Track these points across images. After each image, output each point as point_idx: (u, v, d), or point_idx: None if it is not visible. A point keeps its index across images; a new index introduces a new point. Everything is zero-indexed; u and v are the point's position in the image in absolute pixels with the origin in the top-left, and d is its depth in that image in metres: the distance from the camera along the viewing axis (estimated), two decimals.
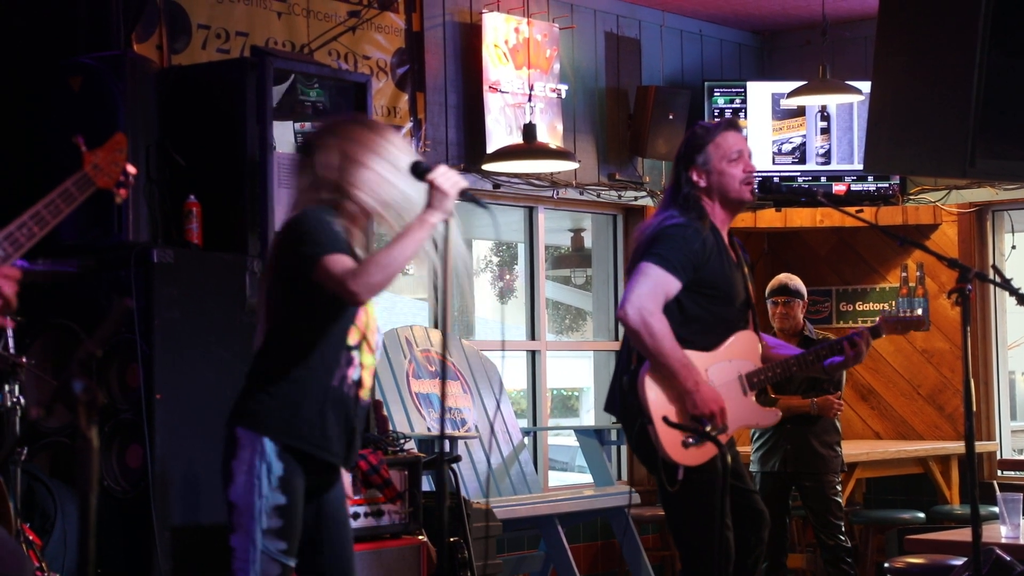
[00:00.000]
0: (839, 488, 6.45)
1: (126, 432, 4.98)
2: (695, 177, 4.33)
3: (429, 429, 6.40)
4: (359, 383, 3.43)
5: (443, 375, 3.43)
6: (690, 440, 4.15)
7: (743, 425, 4.44)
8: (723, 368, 4.30)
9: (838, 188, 8.07)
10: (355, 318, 3.40)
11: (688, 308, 4.25)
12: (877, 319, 4.64)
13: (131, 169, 3.26)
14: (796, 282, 6.52)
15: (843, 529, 6.40)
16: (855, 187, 8.09)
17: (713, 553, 4.11)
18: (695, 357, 4.22)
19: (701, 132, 4.38)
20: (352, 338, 3.39)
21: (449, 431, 6.48)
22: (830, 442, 6.40)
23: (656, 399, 4.18)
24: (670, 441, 4.17)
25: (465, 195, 3.40)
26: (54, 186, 5.37)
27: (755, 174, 4.37)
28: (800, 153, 8.10)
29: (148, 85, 5.22)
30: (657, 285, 4.19)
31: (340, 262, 3.28)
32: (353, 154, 3.39)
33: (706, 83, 8.05)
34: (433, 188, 3.34)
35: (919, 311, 4.21)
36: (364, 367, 3.43)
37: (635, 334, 4.19)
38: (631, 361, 4.28)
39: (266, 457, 3.33)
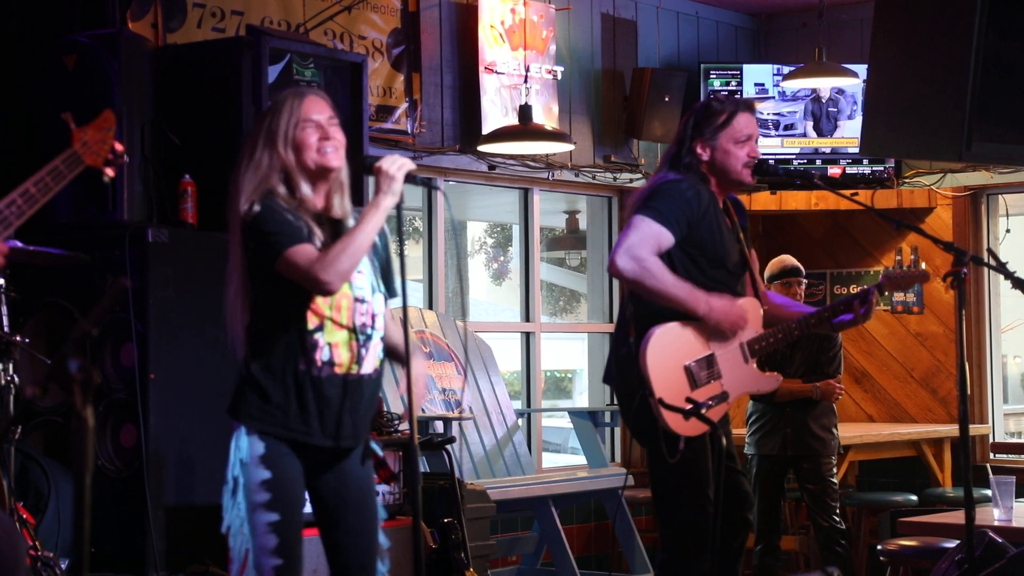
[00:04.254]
0: (835, 470, 6.46)
1: (120, 411, 4.98)
2: (699, 149, 4.32)
3: (424, 410, 6.40)
4: (331, 363, 3.46)
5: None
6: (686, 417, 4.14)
7: (744, 392, 4.44)
8: (724, 335, 4.29)
9: (833, 171, 8.07)
10: (310, 304, 3.46)
11: (681, 269, 4.23)
12: (880, 277, 4.62)
13: (119, 147, 3.27)
14: (796, 261, 6.55)
15: (838, 511, 6.41)
16: (850, 170, 8.09)
17: (696, 529, 4.12)
18: (696, 326, 4.22)
19: (717, 106, 4.34)
20: (311, 323, 3.45)
21: (443, 412, 6.48)
22: (828, 424, 6.41)
23: (657, 371, 4.17)
24: (671, 411, 4.15)
25: (413, 178, 3.51)
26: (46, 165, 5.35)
27: (757, 158, 4.35)
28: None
29: (143, 64, 5.20)
30: (648, 235, 4.17)
31: (304, 252, 3.38)
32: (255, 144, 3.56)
33: (702, 65, 8.04)
34: (381, 174, 3.46)
35: (922, 265, 4.24)
36: (333, 345, 3.46)
37: (633, 281, 4.16)
38: (630, 333, 4.27)
39: (248, 440, 3.46)
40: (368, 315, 3.53)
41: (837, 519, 6.38)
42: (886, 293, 4.58)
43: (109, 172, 3.27)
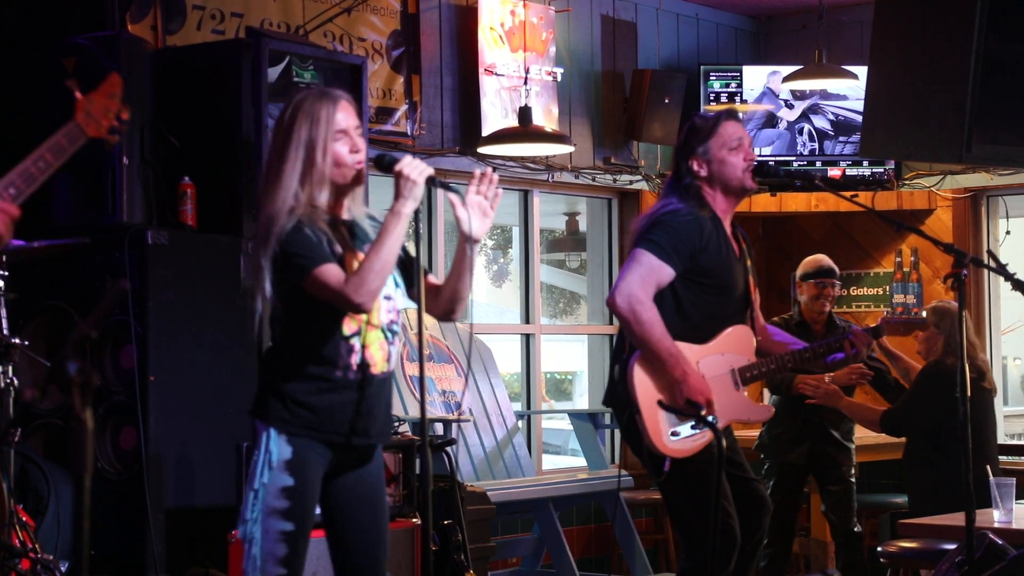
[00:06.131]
0: (854, 471, 6.46)
1: (120, 414, 4.98)
2: (695, 167, 4.31)
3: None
4: (366, 364, 3.45)
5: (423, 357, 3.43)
6: (677, 432, 4.15)
7: (734, 420, 4.41)
8: (715, 361, 4.28)
9: (833, 173, 8.06)
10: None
11: (683, 298, 4.24)
12: (879, 319, 4.64)
13: (125, 115, 3.17)
14: (831, 262, 6.47)
15: (855, 513, 6.42)
16: (850, 172, 8.08)
17: (714, 540, 4.12)
18: (687, 349, 4.21)
19: (700, 122, 4.37)
20: (348, 328, 3.43)
21: (443, 414, 6.48)
22: (848, 431, 6.39)
23: (644, 389, 4.18)
24: (656, 432, 4.16)
25: (434, 182, 3.45)
26: None
27: (755, 161, 4.36)
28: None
29: (143, 66, 5.20)
30: (649, 272, 4.18)
31: (332, 273, 3.34)
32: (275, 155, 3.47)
33: (702, 67, 8.04)
34: (401, 178, 3.40)
35: (923, 313, 4.25)
36: (368, 347, 3.45)
37: (624, 322, 4.19)
38: (624, 349, 4.28)
39: (275, 443, 3.40)
40: (394, 311, 3.53)
41: (855, 520, 6.39)
42: (883, 336, 4.60)
43: (112, 139, 3.15)
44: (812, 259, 6.45)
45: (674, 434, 4.15)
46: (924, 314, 4.51)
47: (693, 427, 4.14)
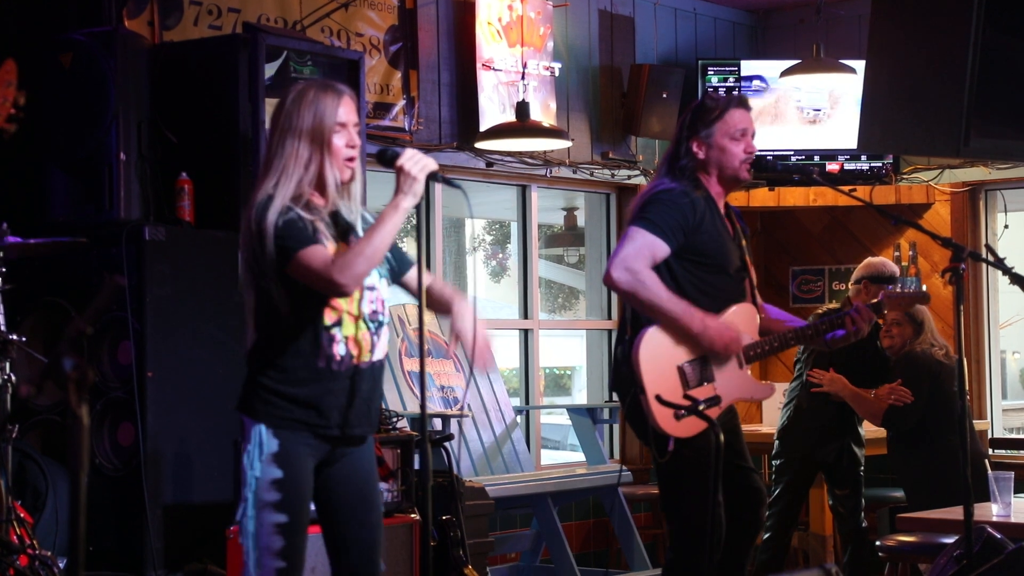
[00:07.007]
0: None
1: (117, 410, 4.98)
2: (695, 148, 4.31)
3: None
4: (349, 355, 3.46)
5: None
6: (682, 412, 4.13)
7: (738, 399, 4.42)
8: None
9: (831, 167, 8.06)
10: (328, 300, 3.43)
11: (681, 277, 4.23)
12: (880, 295, 4.62)
13: (22, 101, 3.08)
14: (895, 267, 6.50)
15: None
16: (848, 166, 8.08)
17: (703, 528, 4.11)
18: None
19: (710, 104, 4.34)
20: (328, 318, 3.43)
21: (442, 410, 6.48)
22: (863, 431, 6.43)
23: (649, 369, 4.16)
24: (662, 411, 4.15)
25: (435, 177, 3.45)
26: (43, 164, 5.34)
27: (754, 154, 4.35)
28: None
29: (139, 62, 5.20)
30: (643, 247, 4.18)
31: (318, 255, 3.34)
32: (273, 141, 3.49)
33: (700, 62, 8.03)
34: (402, 173, 3.41)
35: (924, 287, 4.27)
36: (350, 338, 3.46)
37: (627, 293, 4.17)
38: (626, 332, 4.27)
39: (262, 437, 3.41)
40: (378, 302, 3.53)
41: (863, 516, 6.41)
42: (884, 312, 4.59)
43: (9, 128, 3.08)
44: (882, 263, 6.35)
45: (679, 414, 4.13)
46: (924, 287, 4.54)
47: (686, 413, 4.11)
